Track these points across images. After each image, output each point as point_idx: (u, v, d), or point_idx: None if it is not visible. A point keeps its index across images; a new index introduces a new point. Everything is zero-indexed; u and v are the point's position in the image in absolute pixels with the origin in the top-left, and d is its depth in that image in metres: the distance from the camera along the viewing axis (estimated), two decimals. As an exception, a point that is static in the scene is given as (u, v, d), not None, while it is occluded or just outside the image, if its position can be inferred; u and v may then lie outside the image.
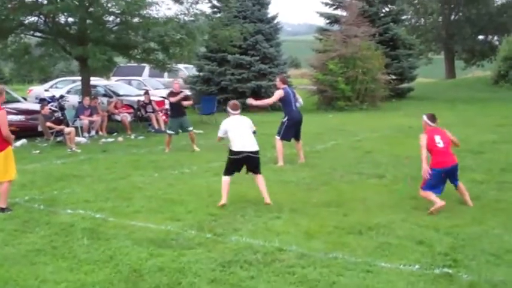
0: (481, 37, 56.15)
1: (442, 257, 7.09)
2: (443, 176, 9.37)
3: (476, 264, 6.89)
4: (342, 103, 27.96)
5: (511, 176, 11.73)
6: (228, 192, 9.67)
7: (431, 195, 9.24)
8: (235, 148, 9.76)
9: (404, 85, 35.57)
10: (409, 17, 54.13)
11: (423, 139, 9.49)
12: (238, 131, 9.84)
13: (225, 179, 9.79)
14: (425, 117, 9.75)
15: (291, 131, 13.52)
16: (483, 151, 14.60)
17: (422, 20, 56.68)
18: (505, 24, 49.56)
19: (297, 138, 13.70)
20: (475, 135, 17.09)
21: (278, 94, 13.61)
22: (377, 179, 11.77)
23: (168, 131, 16.13)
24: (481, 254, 7.20)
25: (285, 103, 13.60)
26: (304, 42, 45.74)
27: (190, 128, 16.09)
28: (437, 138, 9.42)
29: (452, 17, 55.55)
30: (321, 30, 35.37)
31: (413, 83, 36.92)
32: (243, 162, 9.83)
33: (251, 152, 9.76)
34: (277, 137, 13.52)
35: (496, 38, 54.77)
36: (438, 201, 9.09)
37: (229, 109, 10.16)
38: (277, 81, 13.88)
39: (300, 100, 13.83)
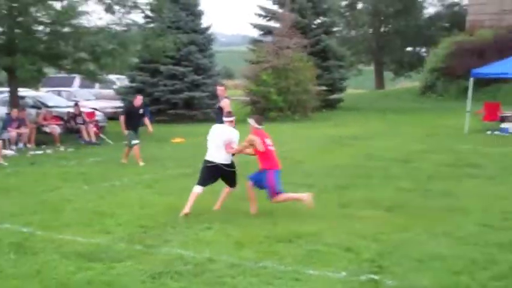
0: (409, 49, 57.59)
1: (368, 264, 7.27)
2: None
3: (401, 270, 7.08)
4: (274, 114, 28.21)
5: (437, 184, 12.11)
6: (193, 203, 9.63)
7: (287, 194, 9.61)
8: (207, 157, 9.82)
9: (335, 96, 36.14)
10: (340, 29, 55.05)
11: (255, 138, 9.59)
12: (211, 141, 9.87)
13: (196, 189, 9.75)
14: (252, 121, 9.81)
15: None
16: (411, 160, 14.99)
17: (353, 32, 57.75)
18: (432, 37, 50.88)
19: None
20: (403, 145, 17.54)
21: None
22: (307, 188, 11.91)
23: None
24: (406, 260, 7.41)
25: None
26: (237, 53, 45.95)
27: None
28: (269, 141, 9.68)
29: (382, 29, 56.84)
30: (255, 41, 35.70)
31: (344, 93, 37.57)
32: (216, 173, 9.82)
33: (222, 165, 9.77)
34: None
35: (423, 50, 56.24)
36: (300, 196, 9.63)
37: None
38: (221, 89, 13.72)
39: None
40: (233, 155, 9.99)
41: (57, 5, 19.68)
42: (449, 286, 6.62)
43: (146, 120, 16.29)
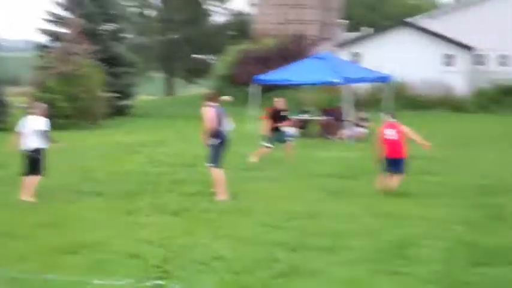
0: (198, 56, 58.60)
1: (154, 269, 7.31)
2: None
3: (186, 273, 7.23)
4: (61, 121, 27.30)
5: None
6: None
7: None
8: None
9: (125, 102, 35.80)
10: (131, 35, 54.76)
11: None
12: None
13: None
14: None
15: None
16: (197, 164, 15.23)
17: (143, 38, 57.65)
18: (220, 45, 52.27)
19: None
20: (190, 150, 17.77)
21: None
22: (95, 196, 11.75)
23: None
24: (191, 264, 7.57)
25: None
26: (25, 59, 43.96)
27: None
28: None
29: (172, 36, 57.30)
30: (42, 47, 34.38)
31: (135, 100, 37.37)
32: None
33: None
34: None
35: (212, 57, 57.54)
36: None
37: None
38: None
39: None
40: None
41: None
42: (232, 286, 6.86)
43: None
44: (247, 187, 12.61)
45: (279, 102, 16.77)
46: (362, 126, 21.87)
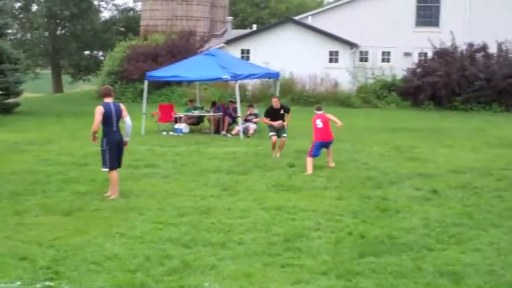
0: (86, 52, 57.39)
1: (44, 271, 7.19)
2: None
3: (77, 274, 7.14)
4: None
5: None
6: None
7: None
8: None
9: (11, 100, 34.59)
10: (15, 31, 52.86)
11: None
12: None
13: None
14: None
15: None
16: (87, 163, 15.00)
17: (29, 34, 55.83)
18: (109, 40, 51.40)
19: None
20: (80, 148, 17.47)
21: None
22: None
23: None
24: (82, 264, 7.48)
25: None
26: None
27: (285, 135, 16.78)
28: None
29: (59, 32, 55.78)
30: None
31: (20, 98, 36.14)
32: None
33: None
34: None
35: (101, 53, 56.51)
36: None
37: None
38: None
39: None
40: None
41: None
42: (125, 285, 6.85)
43: None
44: (139, 185, 12.53)
45: (275, 102, 17.22)
46: (252, 122, 22.17)
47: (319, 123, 14.80)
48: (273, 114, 17.05)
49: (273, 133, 16.66)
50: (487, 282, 7.08)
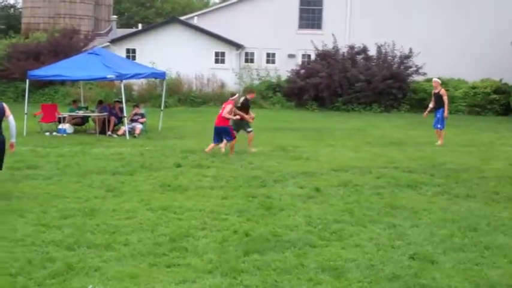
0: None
1: None
2: None
3: (-45, 279, 6.88)
4: None
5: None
6: None
7: None
8: None
9: None
10: None
11: None
12: None
13: None
14: None
15: None
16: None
17: None
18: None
19: None
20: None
21: None
22: None
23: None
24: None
25: None
26: None
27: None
28: None
29: None
30: None
31: None
32: None
33: None
34: None
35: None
36: None
37: None
38: None
39: None
40: None
41: None
42: (6, 289, 6.67)
43: None
44: (20, 186, 12.17)
45: (251, 95, 18.22)
46: (138, 122, 21.98)
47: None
48: (247, 108, 17.50)
49: (251, 129, 17.53)
50: (366, 277, 7.38)
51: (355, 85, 33.58)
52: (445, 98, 19.88)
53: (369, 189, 12.63)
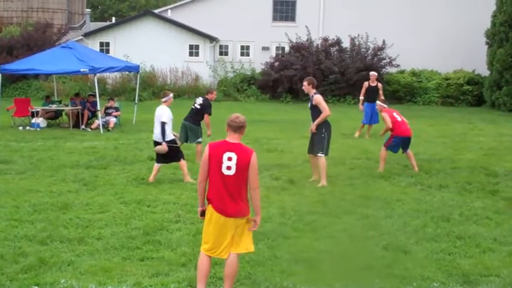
0: None
1: None
2: None
3: None
4: None
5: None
6: None
7: None
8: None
9: None
10: None
11: None
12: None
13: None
14: None
15: None
16: None
17: None
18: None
19: None
20: None
21: None
22: None
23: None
24: None
25: None
26: None
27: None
28: None
29: None
30: None
31: None
32: None
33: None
34: None
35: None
36: None
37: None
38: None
39: None
40: None
41: None
42: (-23, 284, 6.63)
43: None
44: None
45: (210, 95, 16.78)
46: (112, 115, 21.86)
47: None
48: (209, 108, 16.45)
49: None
50: (339, 268, 7.45)
51: (329, 77, 33.65)
52: (381, 93, 19.98)
53: (343, 180, 12.73)
